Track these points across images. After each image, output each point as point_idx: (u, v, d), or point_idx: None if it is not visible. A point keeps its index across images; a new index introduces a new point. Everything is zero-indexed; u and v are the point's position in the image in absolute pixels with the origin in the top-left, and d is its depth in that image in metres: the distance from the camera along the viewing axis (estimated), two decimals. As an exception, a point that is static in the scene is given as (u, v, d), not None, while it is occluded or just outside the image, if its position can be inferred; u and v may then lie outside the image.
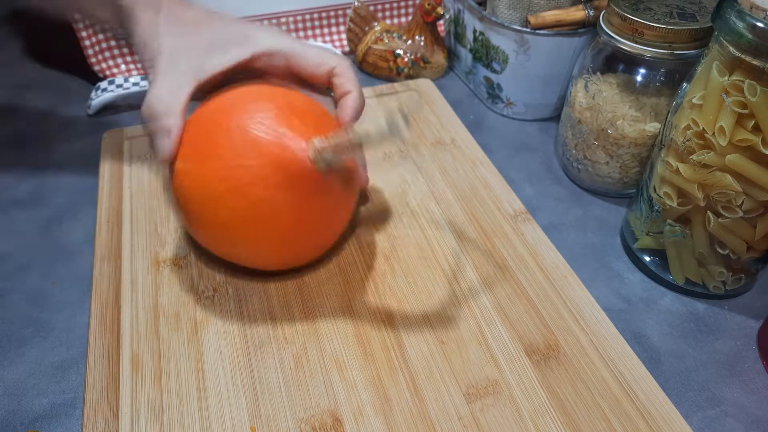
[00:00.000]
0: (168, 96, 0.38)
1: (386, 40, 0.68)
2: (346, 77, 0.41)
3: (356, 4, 0.70)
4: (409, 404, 0.37)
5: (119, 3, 0.40)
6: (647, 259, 0.47)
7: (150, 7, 0.40)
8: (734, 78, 0.36)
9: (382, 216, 0.50)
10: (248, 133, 0.36)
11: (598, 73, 0.50)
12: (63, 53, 0.73)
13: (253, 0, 0.71)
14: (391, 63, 0.68)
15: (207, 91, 0.41)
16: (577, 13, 0.57)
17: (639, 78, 0.48)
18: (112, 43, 0.67)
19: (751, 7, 0.34)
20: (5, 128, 0.63)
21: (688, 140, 0.40)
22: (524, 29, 0.58)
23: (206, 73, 0.39)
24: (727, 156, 0.38)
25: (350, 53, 0.74)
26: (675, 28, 0.44)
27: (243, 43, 0.40)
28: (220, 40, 0.40)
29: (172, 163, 0.38)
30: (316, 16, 0.74)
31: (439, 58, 0.69)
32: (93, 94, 0.64)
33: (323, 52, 0.41)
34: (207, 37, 0.40)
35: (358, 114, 0.42)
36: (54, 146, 0.60)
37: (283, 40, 0.41)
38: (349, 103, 0.41)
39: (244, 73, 0.41)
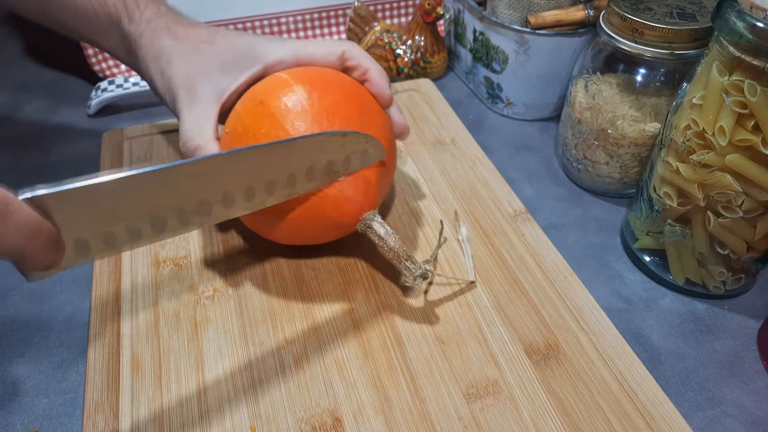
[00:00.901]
0: (199, 129, 0.38)
1: (386, 40, 0.68)
2: (359, 57, 0.42)
3: (356, 4, 0.70)
4: (409, 404, 0.37)
5: (124, 30, 0.41)
6: (647, 259, 0.47)
7: (154, 32, 0.40)
8: (734, 78, 0.36)
9: (382, 216, 0.50)
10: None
11: (598, 73, 0.50)
12: (63, 53, 0.73)
13: (254, 0, 0.71)
14: (391, 63, 0.68)
15: (228, 108, 0.41)
16: (577, 13, 0.57)
17: (639, 78, 0.48)
18: (112, 43, 0.67)
19: (751, 7, 0.34)
20: (5, 128, 0.63)
21: (688, 140, 0.40)
22: (524, 29, 0.58)
23: (225, 95, 0.40)
24: (727, 156, 0.38)
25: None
26: (675, 28, 0.44)
27: (252, 59, 0.41)
28: (229, 58, 0.40)
29: None
30: (316, 16, 0.74)
31: (439, 58, 0.69)
32: (93, 94, 0.64)
33: (327, 42, 0.43)
34: (216, 57, 0.40)
35: (386, 85, 0.42)
36: (54, 146, 0.60)
37: (286, 46, 0.42)
38: (375, 79, 0.42)
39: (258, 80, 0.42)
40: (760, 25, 0.34)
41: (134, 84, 0.64)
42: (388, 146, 0.42)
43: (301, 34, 0.74)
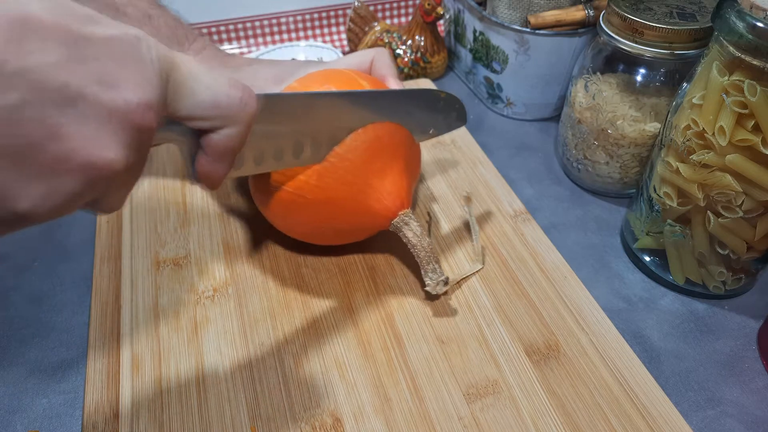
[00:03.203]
0: None
1: (386, 40, 0.68)
2: (380, 62, 0.44)
3: (356, 4, 0.70)
4: (409, 404, 0.37)
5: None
6: (647, 259, 0.47)
7: (201, 60, 0.44)
8: (734, 78, 0.36)
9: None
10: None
11: (598, 73, 0.50)
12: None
13: (254, 0, 0.71)
14: (391, 63, 0.68)
15: None
16: (577, 13, 0.57)
17: (639, 78, 0.48)
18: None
19: (751, 7, 0.34)
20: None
21: (688, 140, 0.40)
22: (524, 29, 0.58)
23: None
24: (727, 156, 0.38)
25: (350, 53, 0.74)
26: (675, 28, 0.44)
27: (292, 76, 0.44)
28: (269, 76, 0.43)
29: None
30: (316, 16, 0.74)
31: (439, 58, 0.69)
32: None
33: (360, 53, 0.45)
34: (257, 75, 0.43)
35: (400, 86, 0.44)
36: (54, 146, 0.60)
37: (323, 65, 0.45)
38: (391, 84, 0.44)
39: None
40: (760, 25, 0.34)
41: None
42: (419, 156, 0.45)
43: (301, 34, 0.74)
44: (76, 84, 0.21)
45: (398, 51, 0.68)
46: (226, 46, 0.72)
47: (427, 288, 0.41)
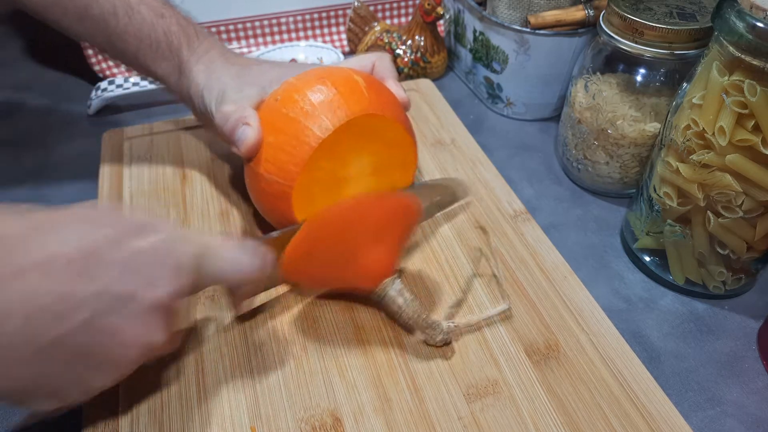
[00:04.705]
0: (240, 107, 0.42)
1: (386, 40, 0.68)
2: (381, 66, 0.45)
3: (356, 4, 0.70)
4: (409, 404, 0.37)
5: (182, 58, 0.45)
6: (647, 259, 0.47)
7: (210, 60, 0.45)
8: (734, 78, 0.36)
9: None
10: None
11: (598, 73, 0.50)
12: (63, 53, 0.73)
13: (254, 0, 0.71)
14: (391, 63, 0.68)
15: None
16: (577, 13, 0.57)
17: (639, 78, 0.48)
18: (112, 43, 0.67)
19: (751, 7, 0.34)
20: (5, 128, 0.62)
21: (688, 140, 0.40)
22: (524, 29, 0.58)
23: (265, 95, 0.43)
24: (727, 156, 0.38)
25: (350, 53, 0.74)
26: (675, 28, 0.44)
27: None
28: (274, 76, 0.44)
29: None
30: (316, 16, 0.74)
31: (439, 58, 0.69)
32: (93, 94, 0.64)
33: (362, 57, 0.46)
34: (263, 74, 0.44)
35: (401, 90, 0.45)
36: (54, 146, 0.60)
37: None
38: (392, 86, 0.45)
39: None
40: (760, 25, 0.34)
41: (134, 84, 0.64)
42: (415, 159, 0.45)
43: (301, 34, 0.74)
44: (128, 290, 0.29)
45: (398, 51, 0.68)
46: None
47: (428, 343, 0.39)
